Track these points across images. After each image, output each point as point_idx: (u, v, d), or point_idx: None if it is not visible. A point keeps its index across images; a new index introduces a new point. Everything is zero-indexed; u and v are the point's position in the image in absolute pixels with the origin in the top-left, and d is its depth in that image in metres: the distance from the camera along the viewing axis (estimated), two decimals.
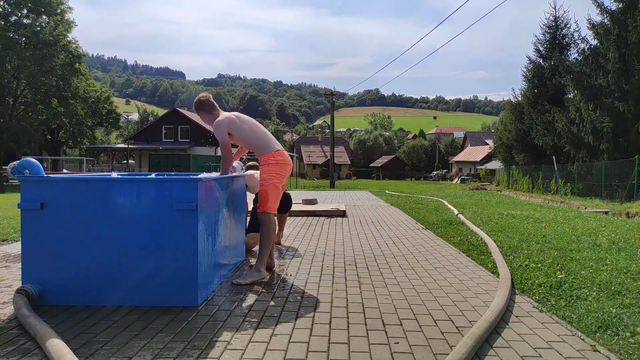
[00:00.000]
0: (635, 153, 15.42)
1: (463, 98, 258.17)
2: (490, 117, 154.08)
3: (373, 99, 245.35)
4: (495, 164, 39.40)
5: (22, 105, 34.84)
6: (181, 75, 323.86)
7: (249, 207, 5.50)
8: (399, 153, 73.41)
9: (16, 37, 32.93)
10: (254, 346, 2.47)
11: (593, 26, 18.32)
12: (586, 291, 3.49)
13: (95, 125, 45.63)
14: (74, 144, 42.66)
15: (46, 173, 3.33)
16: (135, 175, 5.09)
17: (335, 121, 38.12)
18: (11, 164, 3.28)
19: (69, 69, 35.40)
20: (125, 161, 48.08)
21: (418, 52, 23.59)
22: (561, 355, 2.40)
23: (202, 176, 3.54)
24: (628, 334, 2.63)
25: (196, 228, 3.12)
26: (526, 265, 4.39)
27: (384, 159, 68.52)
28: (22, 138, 33.15)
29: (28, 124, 32.91)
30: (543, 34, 24.62)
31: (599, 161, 17.36)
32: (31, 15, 33.58)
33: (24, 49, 32.43)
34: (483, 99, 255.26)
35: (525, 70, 25.13)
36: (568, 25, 24.17)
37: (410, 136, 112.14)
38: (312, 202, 10.66)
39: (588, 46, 19.22)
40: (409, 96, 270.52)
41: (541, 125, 21.79)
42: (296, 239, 6.04)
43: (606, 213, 11.85)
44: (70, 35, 35.50)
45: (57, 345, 2.28)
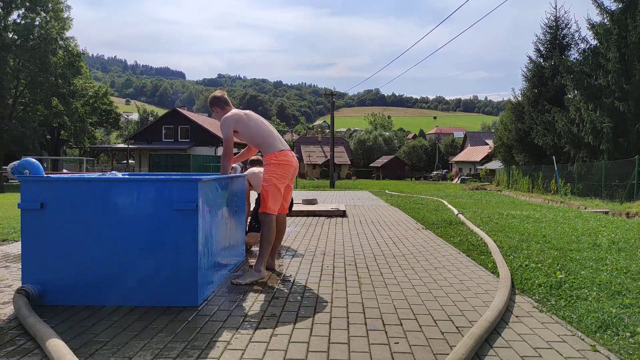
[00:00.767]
0: (635, 153, 15.42)
1: (463, 98, 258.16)
2: (490, 117, 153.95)
3: (373, 99, 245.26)
4: (495, 164, 39.40)
5: (22, 105, 34.86)
6: (181, 75, 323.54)
7: (251, 207, 5.48)
8: (399, 153, 73.35)
9: (15, 37, 32.96)
10: (254, 346, 2.47)
11: (593, 26, 18.34)
12: (586, 291, 3.49)
13: (95, 124, 45.66)
14: (76, 143, 42.61)
15: (46, 173, 3.33)
16: (135, 175, 5.09)
17: (335, 121, 38.08)
18: (11, 164, 3.28)
19: (68, 67, 35.42)
20: (125, 161, 48.05)
21: (418, 52, 23.64)
22: (561, 355, 2.40)
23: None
24: (628, 334, 2.63)
25: (196, 228, 3.12)
26: (526, 265, 4.39)
27: (384, 159, 68.46)
28: (22, 140, 33.13)
29: (28, 128, 32.87)
30: (544, 34, 24.61)
31: (599, 161, 17.35)
32: (29, 15, 33.59)
33: (21, 48, 32.42)
34: (483, 99, 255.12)
35: (525, 70, 25.13)
36: (569, 25, 24.17)
37: (410, 136, 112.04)
38: (312, 202, 10.67)
39: (588, 46, 19.23)
40: (409, 96, 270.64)
41: (541, 125, 21.79)
42: (296, 239, 6.04)
43: (606, 213, 11.85)
44: (68, 33, 35.65)
45: (57, 345, 2.28)
